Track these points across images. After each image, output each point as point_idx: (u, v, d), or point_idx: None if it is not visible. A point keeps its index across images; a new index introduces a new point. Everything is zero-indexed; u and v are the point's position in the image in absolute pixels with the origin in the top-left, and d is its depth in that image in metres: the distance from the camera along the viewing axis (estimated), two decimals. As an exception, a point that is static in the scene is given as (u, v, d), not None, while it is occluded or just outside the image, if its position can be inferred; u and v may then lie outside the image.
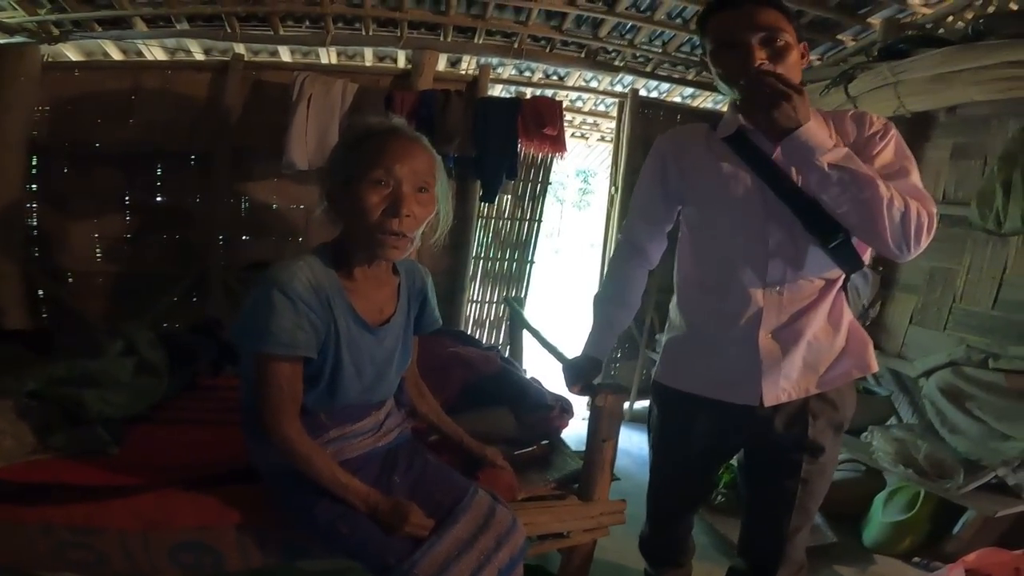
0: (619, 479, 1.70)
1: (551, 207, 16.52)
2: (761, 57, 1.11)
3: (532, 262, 3.79)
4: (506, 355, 2.55)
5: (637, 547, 1.66)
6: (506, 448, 1.70)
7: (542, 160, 3.57)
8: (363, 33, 3.07)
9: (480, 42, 3.20)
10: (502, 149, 2.98)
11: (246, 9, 2.85)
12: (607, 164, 4.10)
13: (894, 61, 2.34)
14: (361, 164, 1.13)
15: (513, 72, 3.68)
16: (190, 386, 2.07)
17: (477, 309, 3.76)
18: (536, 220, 3.71)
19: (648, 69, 3.58)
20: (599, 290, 1.54)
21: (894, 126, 1.22)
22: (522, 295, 3.72)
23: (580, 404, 2.01)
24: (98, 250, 3.11)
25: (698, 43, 1.33)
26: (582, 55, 3.42)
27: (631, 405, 3.75)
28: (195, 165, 3.10)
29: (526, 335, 2.60)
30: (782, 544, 1.37)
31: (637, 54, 3.44)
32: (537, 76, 3.75)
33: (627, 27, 3.24)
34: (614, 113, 3.86)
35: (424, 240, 1.27)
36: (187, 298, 3.16)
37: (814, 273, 1.23)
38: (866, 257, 1.25)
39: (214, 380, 2.15)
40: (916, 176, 1.18)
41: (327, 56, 3.26)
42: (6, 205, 2.85)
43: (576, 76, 3.75)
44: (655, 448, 1.54)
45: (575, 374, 1.49)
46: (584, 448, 1.63)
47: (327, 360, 1.20)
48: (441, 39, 3.15)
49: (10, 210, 2.88)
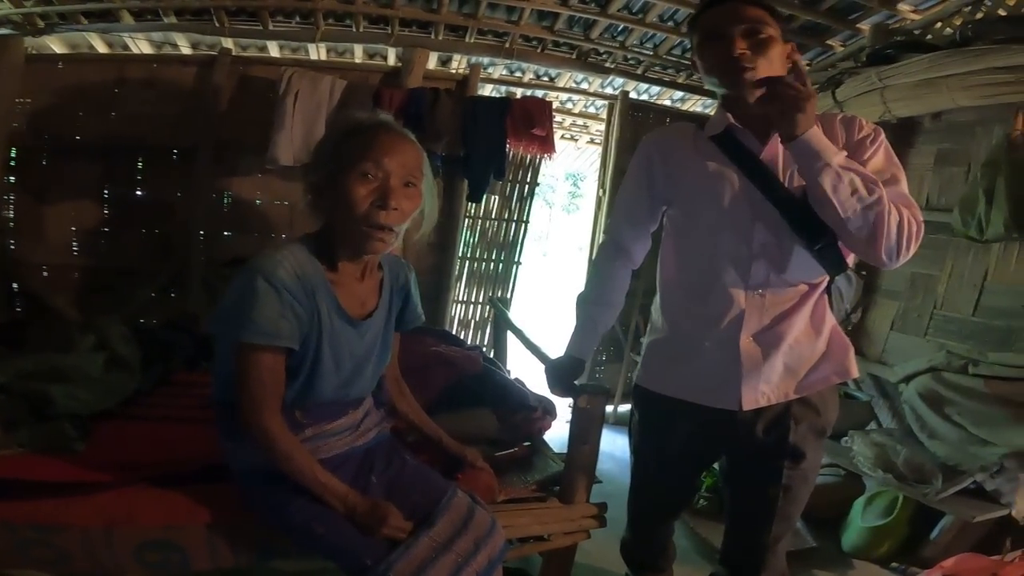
0: (601, 482, 1.67)
1: (540, 210, 16.49)
2: (742, 47, 1.12)
3: (519, 263, 3.77)
4: (490, 356, 2.52)
5: (619, 551, 1.64)
6: (487, 449, 1.67)
7: (530, 161, 3.55)
8: (353, 30, 3.03)
9: (471, 41, 3.18)
10: (490, 149, 2.96)
11: (235, 3, 2.81)
12: (596, 167, 4.10)
13: (882, 66, 2.35)
14: (349, 157, 1.12)
15: (504, 72, 3.67)
16: (164, 382, 2.02)
17: (462, 309, 3.73)
18: (523, 221, 3.70)
19: (639, 71, 3.58)
20: (582, 290, 1.52)
21: (883, 131, 1.22)
22: (508, 296, 3.69)
23: (563, 406, 1.99)
24: (75, 243, 3.04)
25: (689, 46, 1.32)
26: (573, 56, 3.41)
27: (615, 408, 3.74)
28: (177, 159, 3.04)
29: (511, 336, 2.58)
30: (764, 552, 1.35)
31: (628, 56, 3.44)
32: (528, 76, 3.74)
33: (619, 29, 3.24)
34: (604, 115, 3.86)
35: (408, 237, 1.25)
36: (165, 293, 3.08)
37: (797, 276, 1.22)
38: (850, 260, 1.24)
39: (189, 376, 2.10)
40: (905, 184, 1.18)
41: (316, 52, 3.23)
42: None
43: (567, 77, 3.75)
44: (636, 452, 1.53)
45: (557, 375, 1.48)
46: (567, 450, 1.60)
47: (308, 352, 1.17)
48: (432, 37, 3.13)
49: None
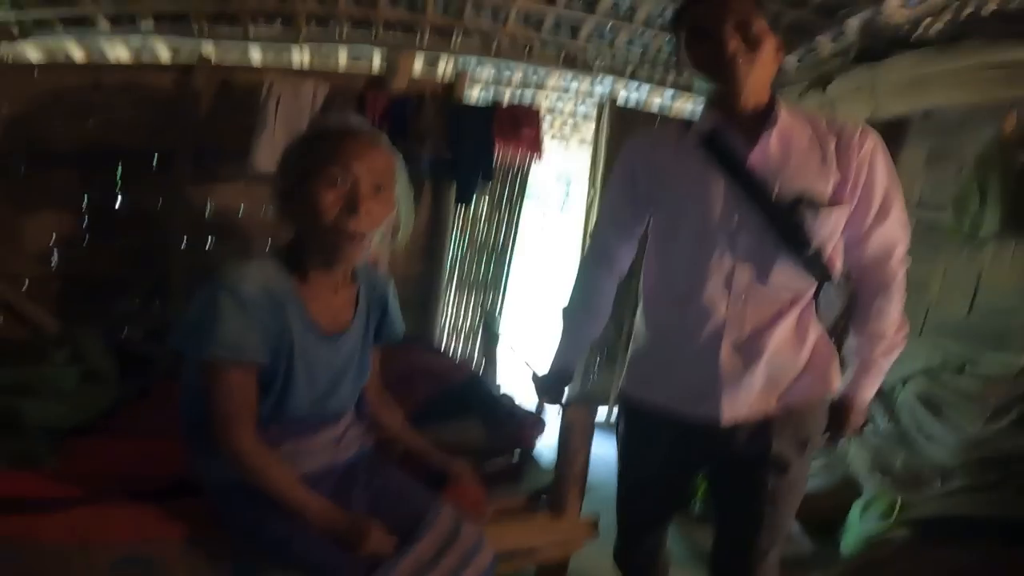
0: (593, 490, 1.64)
1: (531, 213, 16.45)
2: (735, 46, 1.09)
3: (509, 268, 3.72)
4: (478, 366, 2.49)
5: (612, 559, 1.60)
6: (475, 461, 1.62)
7: (519, 165, 3.52)
8: (336, 33, 3.00)
9: (458, 42, 3.15)
10: (477, 149, 2.93)
11: (216, 7, 2.76)
12: (587, 169, 4.07)
13: (871, 63, 2.33)
14: (316, 162, 1.07)
15: (492, 72, 3.63)
16: (143, 394, 1.97)
17: (452, 316, 3.67)
18: (513, 225, 3.65)
19: (628, 72, 3.55)
20: (568, 300, 1.48)
21: (881, 143, 1.18)
22: (498, 302, 3.65)
23: (553, 415, 1.94)
24: (55, 254, 2.98)
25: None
26: (561, 57, 3.38)
27: (609, 411, 3.70)
28: (156, 167, 2.98)
29: (500, 345, 2.55)
30: (753, 565, 1.31)
31: (616, 56, 3.41)
32: (516, 77, 3.70)
33: (607, 29, 3.21)
34: (594, 116, 3.84)
35: (388, 245, 1.22)
36: (147, 304, 3.03)
37: (782, 284, 1.18)
38: (839, 267, 1.21)
39: (169, 388, 2.04)
40: (899, 206, 1.17)
41: (300, 57, 3.18)
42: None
43: (556, 78, 3.72)
44: (620, 459, 1.49)
45: (544, 388, 1.45)
46: (556, 461, 1.57)
47: (279, 369, 1.12)
48: (417, 39, 3.09)
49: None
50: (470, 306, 3.69)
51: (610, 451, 1.46)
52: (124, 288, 2.98)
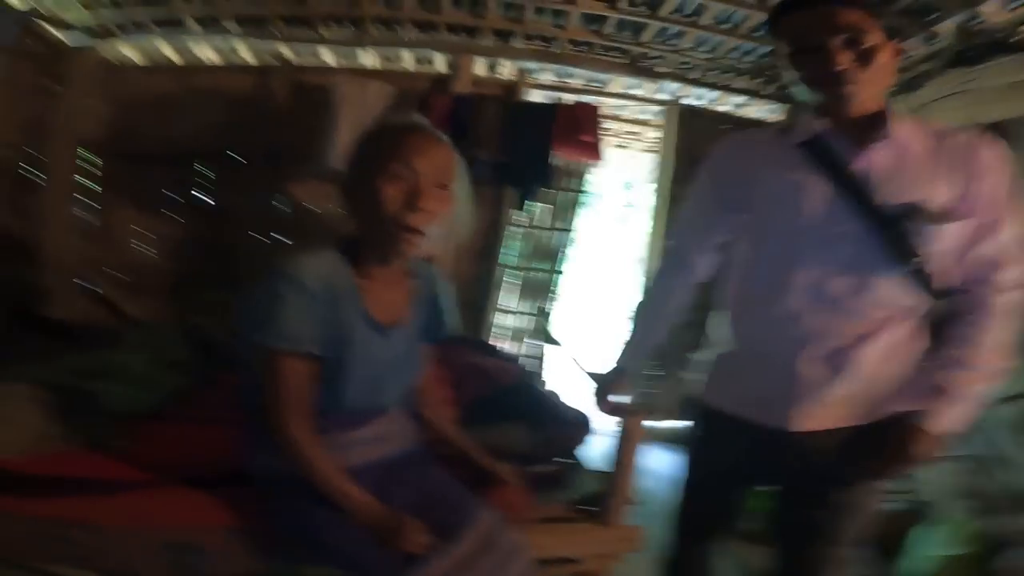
0: (642, 503, 1.56)
1: (591, 221, 16.26)
2: (844, 63, 1.01)
3: (564, 273, 3.65)
4: (530, 368, 2.42)
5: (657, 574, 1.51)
6: (520, 465, 1.57)
7: (578, 169, 3.45)
8: (401, 36, 3.03)
9: (518, 46, 3.12)
10: (536, 155, 2.88)
11: (290, 10, 2.85)
12: (651, 176, 3.94)
13: (967, 67, 2.14)
14: (380, 158, 1.08)
15: (553, 78, 3.57)
16: (211, 382, 2.02)
17: (505, 319, 3.64)
18: (570, 230, 3.58)
19: (694, 76, 3.41)
20: (639, 301, 1.43)
21: (1003, 154, 1.07)
22: (552, 307, 3.59)
23: (604, 422, 1.87)
24: (145, 247, 3.16)
25: (748, 49, 1.23)
26: (624, 61, 3.29)
27: (669, 425, 3.56)
28: (239, 166, 3.12)
29: (553, 350, 2.49)
30: None
31: (682, 60, 3.28)
32: (577, 82, 3.61)
33: (671, 32, 3.09)
34: (658, 122, 3.72)
35: (446, 244, 1.21)
36: (225, 297, 3.16)
37: (880, 298, 1.09)
38: (946, 284, 1.10)
39: (235, 378, 2.10)
40: (1015, 224, 1.06)
41: (367, 59, 3.23)
42: (63, 203, 2.92)
43: (618, 82, 3.62)
44: (687, 467, 1.43)
45: (604, 389, 1.40)
46: (604, 469, 1.50)
47: (333, 359, 1.12)
48: (479, 42, 3.08)
49: (66, 207, 2.95)
50: (525, 310, 3.64)
51: (662, 465, 1.39)
52: (203, 281, 3.11)
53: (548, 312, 3.52)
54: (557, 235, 3.60)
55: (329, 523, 1.12)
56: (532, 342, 3.55)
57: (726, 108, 3.76)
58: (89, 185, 3.07)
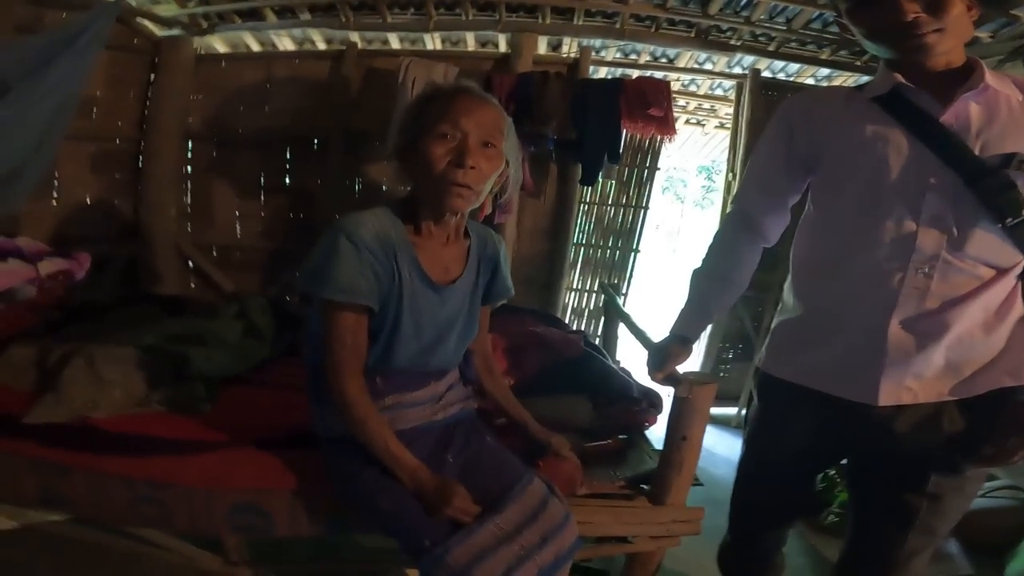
0: (702, 484, 1.46)
1: (670, 205, 15.62)
2: (914, 10, 0.91)
3: (637, 251, 3.51)
4: (595, 342, 2.34)
5: (715, 559, 1.42)
6: (577, 439, 1.51)
7: (649, 144, 3.30)
8: (463, 18, 2.99)
9: (580, 23, 2.99)
10: (603, 131, 2.77)
11: (358, -1, 2.90)
12: (726, 153, 3.72)
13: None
14: (429, 120, 1.09)
15: (618, 55, 3.41)
16: (291, 351, 2.10)
17: (576, 297, 3.57)
18: (642, 207, 3.44)
19: (771, 48, 3.16)
20: (700, 263, 1.31)
21: None
22: (623, 285, 3.47)
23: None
24: (238, 227, 3.34)
25: (832, 19, 1.11)
26: (692, 34, 3.08)
27: (739, 411, 3.39)
28: (317, 149, 3.22)
29: (622, 326, 2.38)
30: (890, 568, 1.11)
31: (757, 32, 3.04)
32: (644, 58, 3.43)
33: (742, 3, 2.87)
34: (733, 97, 3.49)
35: (492, 199, 1.22)
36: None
37: (979, 257, 0.97)
38: None
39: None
40: None
41: (431, 42, 3.23)
42: (164, 185, 3.13)
43: (688, 57, 3.41)
44: (747, 444, 1.32)
45: (659, 357, 1.28)
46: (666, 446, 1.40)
47: (388, 315, 1.13)
48: (540, 21, 2.99)
49: (169, 190, 3.16)
50: (594, 288, 3.55)
51: (731, 449, 1.29)
52: (288, 257, 3.26)
53: (618, 290, 3.41)
54: (628, 212, 3.46)
55: (378, 485, 1.12)
56: (601, 319, 3.46)
57: (810, 81, 3.47)
58: (187, 170, 3.26)
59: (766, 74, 3.33)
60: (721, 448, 2.88)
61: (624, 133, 2.87)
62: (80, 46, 1.94)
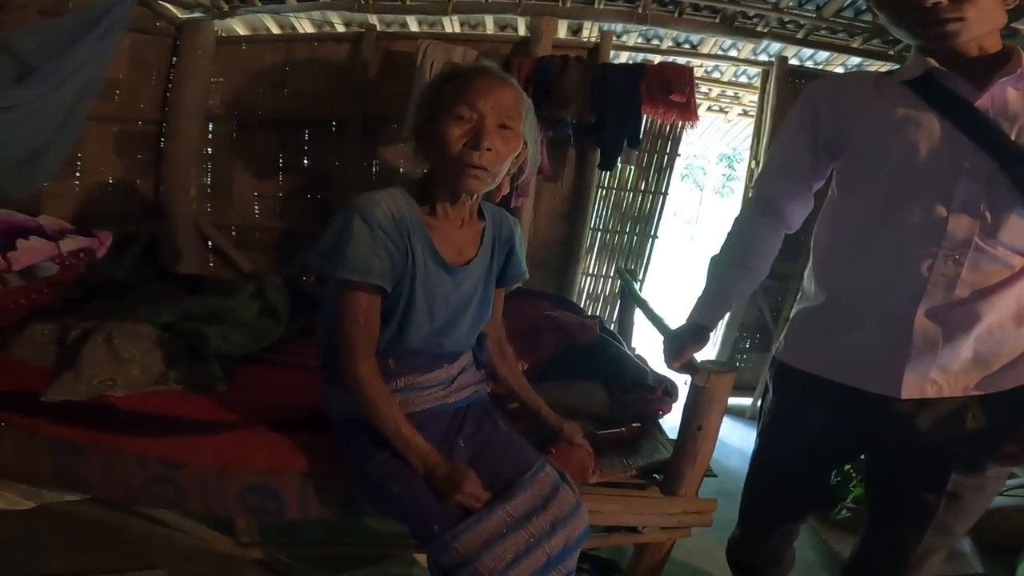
0: (715, 475, 1.43)
1: (690, 192, 15.42)
2: None
3: (655, 237, 3.45)
4: (611, 328, 2.30)
5: (724, 551, 1.39)
6: (590, 426, 1.49)
7: (670, 130, 3.23)
8: (483, 1, 2.93)
9: (601, 7, 2.92)
10: (623, 115, 2.71)
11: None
12: (749, 141, 3.62)
13: None
14: (445, 100, 1.06)
15: (639, 40, 3.33)
16: (305, 331, 2.10)
17: (591, 282, 3.53)
18: (661, 193, 3.37)
19: (800, 35, 3.06)
20: (719, 250, 1.27)
21: None
22: (639, 271, 3.42)
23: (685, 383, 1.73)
24: (256, 207, 3.35)
25: (863, 6, 1.05)
26: (716, 20, 2.99)
27: (755, 402, 3.34)
28: (335, 131, 3.21)
29: (638, 312, 2.34)
30: (903, 567, 1.08)
31: (785, 19, 2.94)
32: (666, 43, 3.34)
33: None
34: (758, 84, 3.39)
35: (509, 180, 1.19)
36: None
37: (1013, 245, 0.93)
38: None
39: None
40: None
41: (450, 25, 3.17)
42: (184, 166, 3.14)
43: (712, 43, 3.31)
44: (761, 436, 1.29)
45: (675, 344, 1.25)
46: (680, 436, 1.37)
47: (401, 295, 1.11)
48: (560, 4, 2.92)
49: (189, 171, 3.17)
50: (610, 273, 3.51)
51: (746, 441, 1.26)
52: (305, 238, 3.27)
53: (635, 276, 3.37)
54: (646, 198, 3.40)
55: (389, 469, 1.11)
56: (617, 304, 3.42)
57: (839, 70, 3.35)
58: (207, 151, 3.27)
59: (793, 62, 3.23)
60: (735, 439, 2.84)
61: (645, 118, 2.82)
62: (103, 29, 1.94)
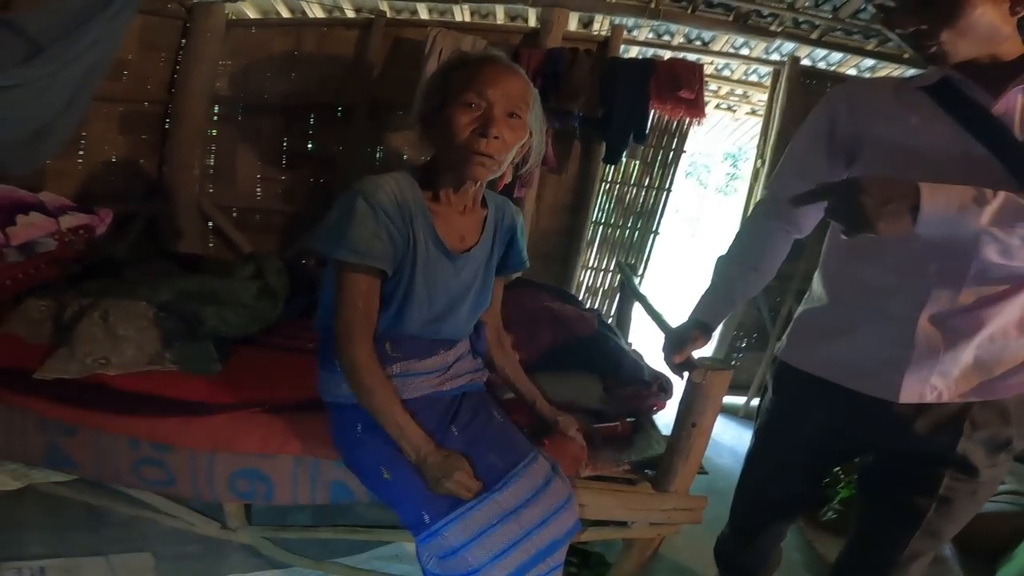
0: (707, 473, 1.42)
1: (692, 190, 15.31)
2: (914, 22, 0.88)
3: (656, 233, 3.43)
4: (609, 323, 2.29)
5: (712, 549, 1.39)
6: (585, 419, 1.48)
7: (677, 126, 3.19)
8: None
9: (613, 1, 2.88)
10: (631, 110, 2.68)
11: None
12: (756, 141, 3.59)
13: None
14: (454, 87, 1.06)
15: (650, 35, 3.29)
16: (303, 314, 2.08)
17: (591, 276, 3.52)
18: (665, 189, 3.35)
19: (814, 36, 3.01)
20: (727, 249, 1.27)
21: None
22: (639, 266, 3.41)
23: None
24: (259, 190, 3.34)
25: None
26: (730, 18, 2.95)
27: (748, 401, 3.33)
28: (341, 116, 3.19)
29: (636, 307, 2.32)
30: (890, 569, 1.08)
31: (800, 19, 2.90)
32: (677, 39, 3.31)
33: None
34: (768, 84, 3.35)
35: (512, 169, 1.20)
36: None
37: None
38: None
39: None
40: None
41: (460, 14, 3.14)
42: (189, 147, 3.11)
43: (723, 41, 3.27)
44: (757, 435, 1.29)
45: (677, 341, 1.24)
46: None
47: (401, 279, 1.11)
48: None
49: (193, 152, 3.14)
50: (610, 267, 3.50)
51: (738, 440, 1.25)
52: (306, 222, 3.26)
53: (635, 270, 3.36)
54: (650, 193, 3.38)
55: (381, 456, 1.11)
56: (616, 299, 3.41)
57: (852, 72, 3.31)
58: (212, 132, 3.25)
59: (805, 62, 3.20)
60: (726, 437, 2.84)
61: (652, 113, 2.79)
62: (114, 10, 1.91)
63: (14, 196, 1.93)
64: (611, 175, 3.31)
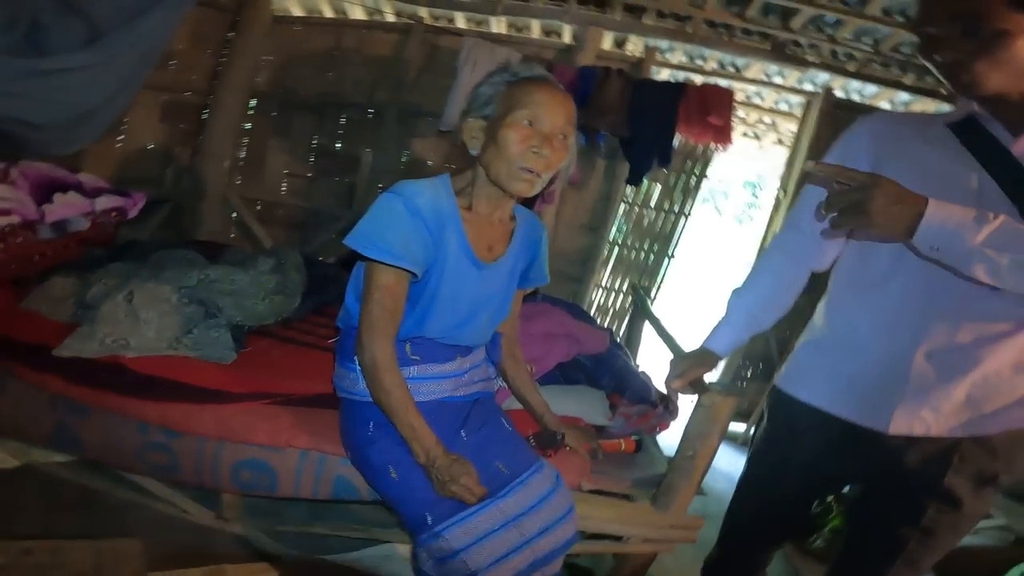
0: (705, 495, 1.42)
1: (708, 216, 15.22)
2: (955, 52, 0.89)
3: (671, 257, 3.44)
4: (619, 342, 2.30)
5: (700, 571, 1.39)
6: (591, 434, 1.49)
7: (701, 152, 3.20)
8: (532, 4, 2.93)
9: (649, 23, 2.91)
10: (657, 133, 2.70)
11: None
12: (780, 171, 3.58)
13: None
14: (510, 105, 1.08)
15: (684, 58, 3.32)
16: (318, 311, 2.12)
17: (604, 295, 3.52)
18: (684, 214, 3.36)
19: (851, 68, 3.01)
20: (743, 283, 1.28)
21: None
22: (652, 289, 3.41)
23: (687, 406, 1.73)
24: (284, 184, 3.41)
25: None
26: (767, 47, 2.96)
27: (749, 429, 3.31)
28: (371, 118, 3.25)
29: (647, 328, 2.33)
30: None
31: (838, 50, 2.90)
32: (710, 64, 3.33)
33: (829, 20, 2.73)
34: (798, 114, 3.35)
35: (562, 215, 1.19)
36: (343, 235, 3.33)
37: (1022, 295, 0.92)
38: None
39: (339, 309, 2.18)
40: None
41: (497, 26, 3.19)
42: (223, 138, 3.18)
43: (756, 68, 3.29)
44: (750, 461, 1.29)
45: (684, 364, 1.26)
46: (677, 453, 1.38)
47: (428, 283, 1.13)
48: (609, 16, 2.91)
49: (227, 144, 3.21)
50: (623, 288, 3.50)
51: (736, 466, 1.26)
52: (327, 219, 3.32)
53: (649, 293, 3.35)
54: (668, 217, 3.39)
55: (391, 455, 1.12)
56: (626, 319, 3.41)
57: (886, 104, 3.30)
58: (246, 126, 3.33)
59: (839, 93, 3.19)
60: (722, 463, 2.82)
61: (678, 136, 2.80)
62: (173, 0, 1.96)
63: (54, 175, 1.98)
64: (631, 196, 3.33)
